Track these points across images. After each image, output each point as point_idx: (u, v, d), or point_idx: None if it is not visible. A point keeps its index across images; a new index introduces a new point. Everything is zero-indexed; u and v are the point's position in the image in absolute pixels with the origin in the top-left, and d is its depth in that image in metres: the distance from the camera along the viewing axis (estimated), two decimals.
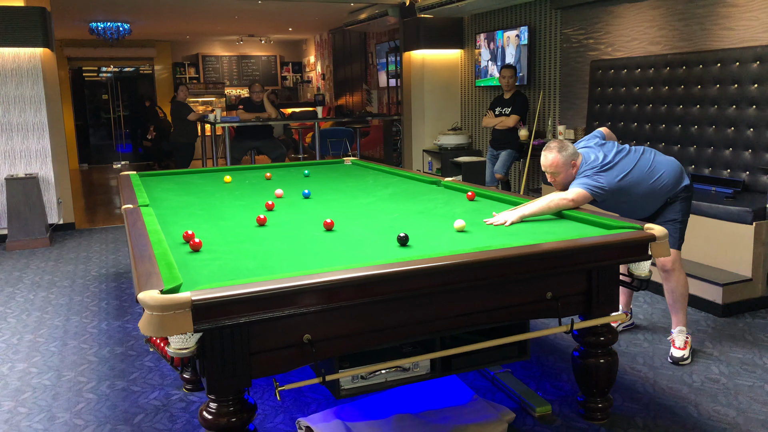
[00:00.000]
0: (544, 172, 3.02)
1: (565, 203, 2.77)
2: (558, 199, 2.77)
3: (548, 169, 2.97)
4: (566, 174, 2.94)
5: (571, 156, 2.94)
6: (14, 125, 6.04)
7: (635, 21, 5.15)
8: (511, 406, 2.64)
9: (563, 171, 2.93)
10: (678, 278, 3.08)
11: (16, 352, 3.42)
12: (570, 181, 2.93)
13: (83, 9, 8.79)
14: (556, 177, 2.97)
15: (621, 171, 2.91)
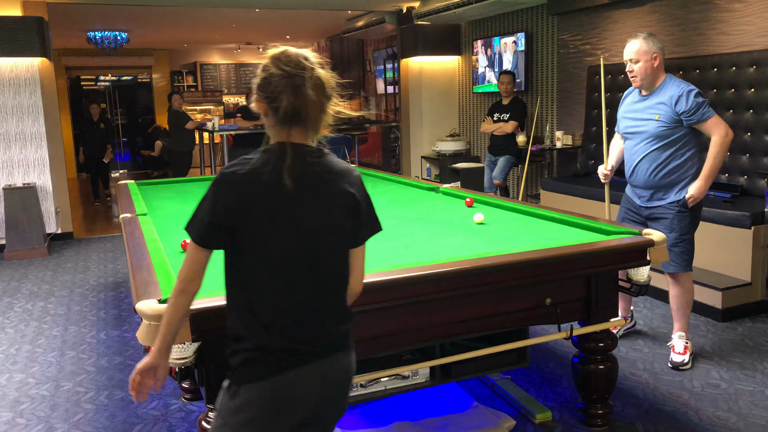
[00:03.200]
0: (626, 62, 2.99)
1: (729, 138, 2.85)
2: (723, 146, 2.84)
3: (631, 55, 2.96)
4: (645, 65, 2.93)
5: (655, 49, 2.93)
6: (12, 135, 6.04)
7: (632, 26, 5.17)
8: (511, 413, 2.63)
9: (643, 60, 2.93)
10: (685, 284, 3.08)
11: (14, 362, 3.41)
12: (647, 75, 2.94)
13: (81, 19, 8.81)
14: (635, 67, 2.95)
15: None
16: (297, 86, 1.31)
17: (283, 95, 1.31)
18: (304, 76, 1.31)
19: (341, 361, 1.44)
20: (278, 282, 1.35)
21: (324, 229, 1.38)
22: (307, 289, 1.37)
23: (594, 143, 5.42)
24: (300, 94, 1.31)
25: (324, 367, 1.40)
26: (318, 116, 1.35)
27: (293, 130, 1.35)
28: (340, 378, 1.45)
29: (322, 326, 1.41)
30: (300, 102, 1.31)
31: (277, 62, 1.34)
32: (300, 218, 1.35)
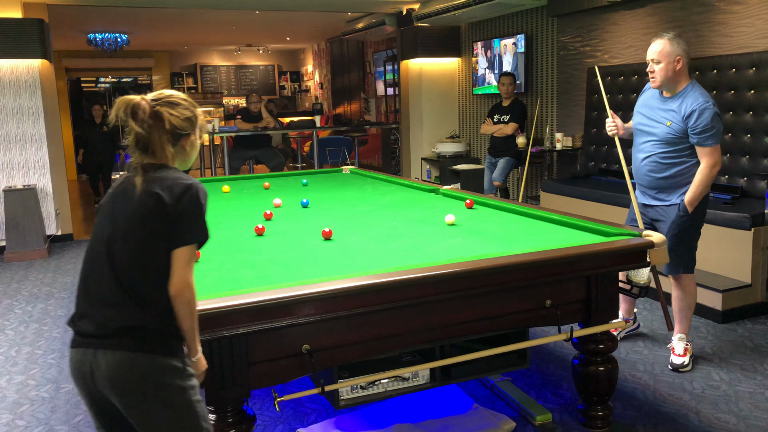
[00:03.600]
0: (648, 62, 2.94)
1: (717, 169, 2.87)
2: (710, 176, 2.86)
3: (653, 55, 2.91)
4: (667, 67, 2.88)
5: (679, 51, 2.87)
6: (12, 137, 6.04)
7: (631, 28, 5.18)
8: (511, 414, 2.63)
9: (665, 62, 2.87)
10: (687, 287, 3.08)
11: (14, 364, 3.41)
12: (668, 78, 2.89)
13: (81, 20, 8.83)
14: (656, 67, 2.90)
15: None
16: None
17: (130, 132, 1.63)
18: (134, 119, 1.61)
19: (107, 358, 1.50)
20: (82, 272, 1.61)
21: (120, 231, 1.56)
22: (94, 282, 1.57)
23: (594, 145, 5.42)
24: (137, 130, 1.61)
25: (90, 357, 1.52)
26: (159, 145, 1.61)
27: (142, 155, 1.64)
28: (107, 374, 1.50)
29: (97, 317, 1.53)
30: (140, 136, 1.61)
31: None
32: (107, 220, 1.60)
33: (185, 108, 1.65)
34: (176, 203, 1.55)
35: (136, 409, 1.53)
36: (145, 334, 1.52)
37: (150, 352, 1.52)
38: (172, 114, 1.62)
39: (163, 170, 1.60)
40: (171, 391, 1.53)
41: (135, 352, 1.50)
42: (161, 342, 1.53)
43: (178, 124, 1.62)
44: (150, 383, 1.51)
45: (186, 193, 1.57)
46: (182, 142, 1.65)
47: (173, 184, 1.58)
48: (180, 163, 1.69)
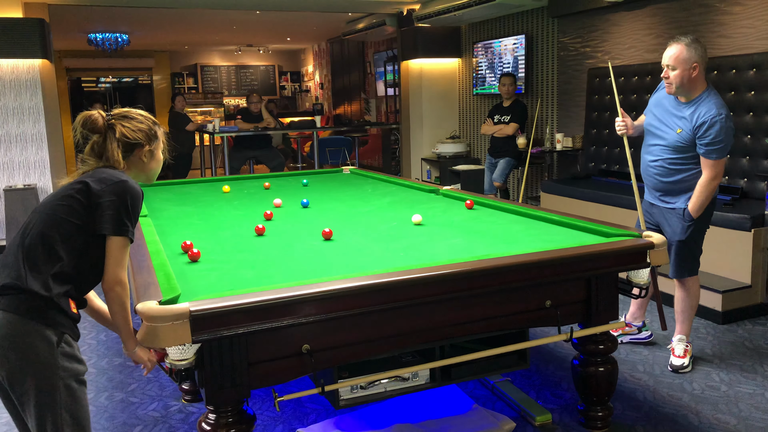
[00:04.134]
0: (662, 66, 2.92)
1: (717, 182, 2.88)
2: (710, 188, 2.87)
3: (668, 60, 2.87)
4: (683, 74, 2.84)
5: (696, 58, 2.82)
6: (13, 136, 6.05)
7: (632, 29, 5.18)
8: (511, 415, 2.63)
9: (681, 69, 2.83)
10: (690, 289, 3.09)
11: None
12: (684, 84, 2.85)
13: (82, 20, 8.83)
14: (672, 74, 2.87)
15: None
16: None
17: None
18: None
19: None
20: None
21: (42, 206, 1.78)
22: (7, 249, 1.74)
23: (594, 145, 5.42)
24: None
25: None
26: (110, 150, 1.85)
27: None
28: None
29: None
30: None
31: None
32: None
33: (140, 122, 1.89)
34: (102, 192, 1.72)
35: (8, 375, 1.59)
36: (25, 297, 1.60)
37: (23, 315, 1.59)
38: (124, 126, 1.86)
39: (104, 169, 1.81)
40: (34, 359, 1.58)
41: (8, 312, 1.59)
42: (39, 309, 1.61)
43: (129, 134, 1.84)
44: (13, 344, 1.57)
45: (116, 185, 1.74)
46: (136, 152, 1.87)
47: (106, 177, 1.76)
48: (136, 174, 1.91)
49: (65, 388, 1.60)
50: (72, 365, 1.64)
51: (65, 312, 1.65)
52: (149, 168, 1.94)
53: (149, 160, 1.92)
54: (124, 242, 1.72)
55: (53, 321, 1.62)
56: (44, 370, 1.58)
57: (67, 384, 1.60)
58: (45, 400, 1.58)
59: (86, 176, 1.77)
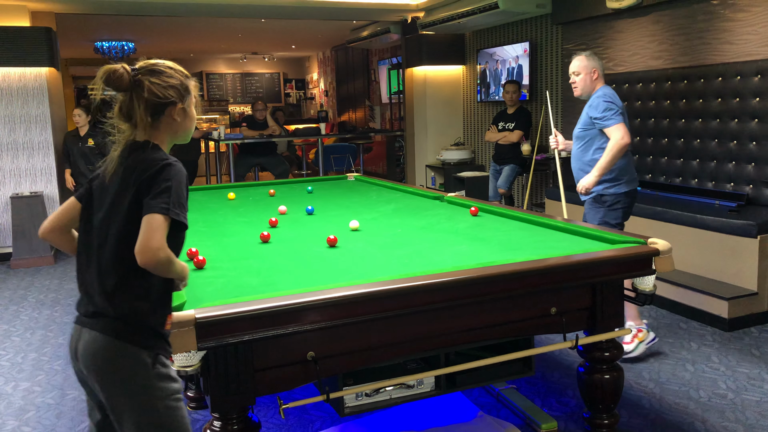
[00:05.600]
0: (569, 75, 3.50)
1: (623, 144, 3.22)
2: (615, 148, 3.22)
3: (574, 68, 3.47)
4: (585, 78, 3.43)
5: (596, 66, 3.43)
6: (20, 144, 6.09)
7: (636, 36, 5.19)
8: (516, 422, 2.62)
9: (584, 73, 3.42)
10: None
11: (20, 370, 3.42)
12: (588, 88, 3.43)
13: (88, 28, 8.90)
14: (577, 78, 3.45)
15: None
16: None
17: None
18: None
19: (85, 336, 1.56)
20: (77, 254, 1.66)
21: (105, 220, 1.58)
22: (84, 265, 1.62)
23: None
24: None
25: (77, 334, 1.59)
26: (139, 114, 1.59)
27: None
28: (83, 351, 1.56)
29: (85, 298, 1.60)
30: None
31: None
32: (97, 204, 1.63)
33: (169, 76, 1.62)
34: (150, 179, 1.52)
35: (102, 393, 1.56)
36: (117, 320, 1.54)
37: (119, 338, 1.53)
38: (152, 82, 1.59)
39: (142, 149, 1.59)
40: (131, 382, 1.53)
41: (106, 335, 1.53)
42: (132, 331, 1.54)
43: (159, 92, 1.59)
44: (110, 366, 1.53)
45: (163, 170, 1.54)
46: (169, 111, 1.62)
47: (147, 165, 1.55)
48: (171, 135, 1.66)
49: (163, 408, 1.55)
50: (167, 385, 1.58)
51: (157, 331, 1.57)
52: (184, 128, 1.68)
53: (183, 119, 1.66)
54: (162, 217, 1.48)
55: (147, 342, 1.55)
56: (142, 392, 1.54)
57: (164, 404, 1.56)
58: (143, 420, 1.55)
59: (128, 170, 1.56)
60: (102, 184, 1.62)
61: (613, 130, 3.25)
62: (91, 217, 1.62)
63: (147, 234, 1.46)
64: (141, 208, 1.50)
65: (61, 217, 1.68)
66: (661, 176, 4.84)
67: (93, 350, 1.54)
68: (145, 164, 1.55)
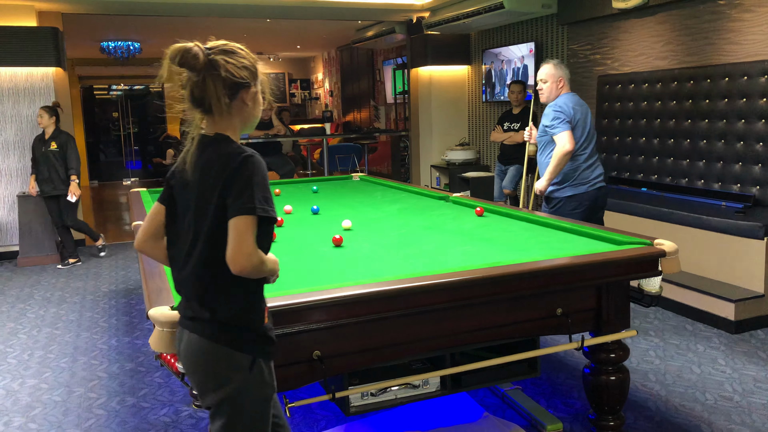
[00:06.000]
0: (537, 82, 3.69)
1: (565, 151, 3.42)
2: (559, 155, 3.44)
3: (542, 76, 3.64)
4: (552, 85, 3.61)
5: (562, 75, 3.62)
6: (27, 144, 6.11)
7: (642, 36, 5.17)
8: (521, 423, 2.62)
9: (551, 81, 3.60)
10: None
11: (27, 368, 3.43)
12: (553, 95, 3.60)
13: (95, 29, 8.93)
14: (544, 86, 3.63)
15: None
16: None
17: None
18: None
19: (185, 338, 1.56)
20: (170, 256, 1.63)
21: (193, 226, 1.52)
22: (180, 269, 1.58)
23: (605, 153, 5.41)
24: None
25: (179, 335, 1.60)
26: (214, 96, 1.49)
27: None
28: (183, 353, 1.58)
29: (184, 300, 1.59)
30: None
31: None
32: (181, 205, 1.58)
33: (243, 57, 1.52)
34: (231, 177, 1.45)
35: (198, 391, 1.58)
36: (215, 324, 1.51)
37: (217, 341, 1.50)
38: (228, 61, 1.49)
39: (216, 144, 1.51)
40: (227, 384, 1.51)
41: (204, 338, 1.51)
42: (229, 335, 1.51)
43: (234, 72, 1.49)
44: (207, 368, 1.52)
45: (243, 163, 1.46)
46: (242, 94, 1.52)
47: (225, 155, 1.48)
48: (242, 122, 1.57)
49: (252, 412, 1.55)
50: (261, 390, 1.56)
51: (257, 331, 1.54)
52: (254, 115, 1.58)
53: (253, 105, 1.56)
54: (250, 218, 1.42)
55: (245, 346, 1.52)
56: (235, 395, 1.53)
57: (253, 409, 1.56)
58: (229, 422, 1.54)
59: (206, 168, 1.50)
60: (182, 183, 1.55)
61: (558, 138, 3.47)
62: (177, 218, 1.58)
63: (237, 240, 1.42)
64: (226, 208, 1.44)
65: (151, 224, 1.61)
66: (667, 177, 4.83)
67: (192, 352, 1.54)
68: (224, 160, 1.47)
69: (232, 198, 1.44)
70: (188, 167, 1.52)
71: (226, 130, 1.54)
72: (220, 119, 1.53)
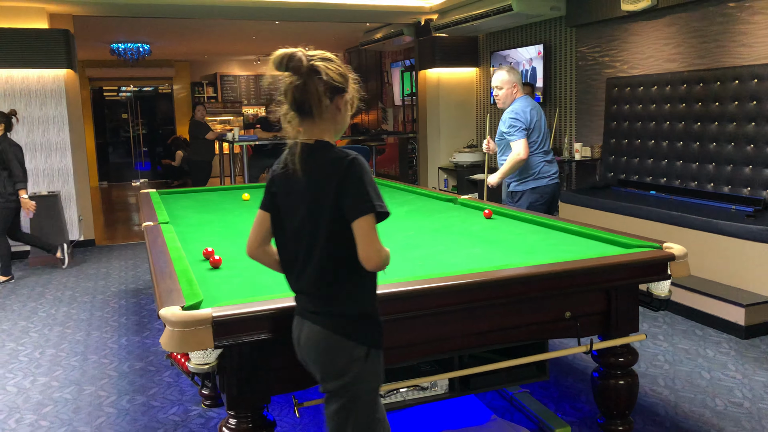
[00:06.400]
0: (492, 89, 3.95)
1: (519, 158, 3.79)
2: (513, 160, 3.80)
3: (497, 83, 3.88)
4: (507, 92, 3.87)
5: (516, 80, 3.88)
6: (38, 144, 6.17)
7: (651, 38, 5.16)
8: (529, 426, 2.61)
9: (506, 88, 3.86)
10: None
11: (38, 366, 3.47)
12: (508, 100, 3.87)
13: (105, 31, 9.00)
14: (500, 92, 3.89)
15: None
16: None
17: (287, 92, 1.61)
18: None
19: (306, 329, 1.66)
20: (283, 254, 1.73)
21: (308, 222, 1.62)
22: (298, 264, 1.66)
23: (613, 155, 5.39)
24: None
25: (299, 325, 1.68)
26: (316, 97, 1.59)
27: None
28: (305, 343, 1.67)
29: (303, 297, 1.68)
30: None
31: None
32: (291, 209, 1.67)
33: (338, 65, 1.63)
34: (343, 180, 1.54)
35: (320, 378, 1.67)
36: (337, 317, 1.62)
37: (337, 333, 1.61)
38: (328, 67, 1.59)
39: (320, 150, 1.60)
40: (345, 373, 1.61)
41: (326, 329, 1.62)
42: (351, 328, 1.62)
43: (333, 77, 1.59)
44: (328, 357, 1.62)
45: (351, 166, 1.56)
46: (337, 99, 1.62)
47: (332, 160, 1.58)
48: (335, 129, 1.66)
49: (366, 401, 1.65)
50: (374, 380, 1.66)
51: (373, 323, 1.65)
52: (344, 122, 1.68)
53: (344, 112, 1.67)
54: (370, 217, 1.54)
55: (362, 338, 1.62)
56: (351, 383, 1.62)
57: (367, 398, 1.65)
58: (345, 407, 1.63)
59: (314, 174, 1.58)
60: (285, 189, 1.65)
61: (514, 145, 3.80)
62: (283, 222, 1.67)
63: (366, 240, 1.54)
64: (342, 210, 1.55)
65: (260, 231, 1.72)
66: (676, 180, 4.81)
67: (313, 342, 1.64)
68: (333, 165, 1.57)
69: (350, 200, 1.55)
70: (298, 173, 1.60)
71: (324, 135, 1.63)
72: (319, 122, 1.61)
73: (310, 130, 1.62)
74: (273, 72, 1.58)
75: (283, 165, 1.66)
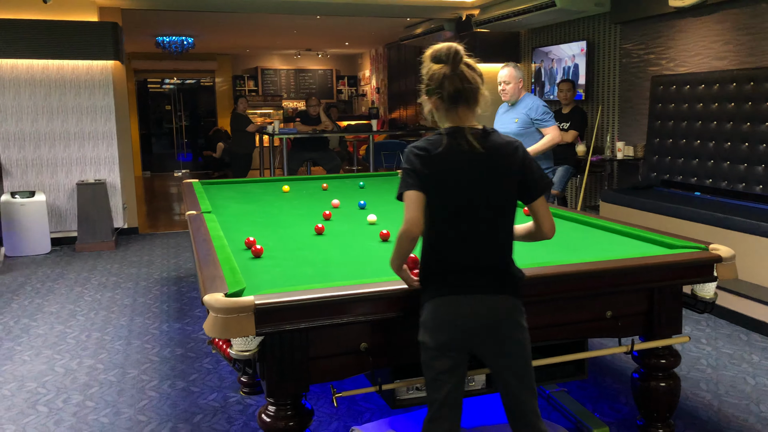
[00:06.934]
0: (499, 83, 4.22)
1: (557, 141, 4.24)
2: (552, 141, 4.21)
3: (504, 78, 4.19)
4: (514, 86, 4.20)
5: (521, 76, 4.23)
6: (86, 134, 6.37)
7: (699, 35, 5.01)
8: (566, 425, 2.59)
9: (513, 82, 4.19)
10: None
11: (84, 348, 3.59)
12: (515, 94, 4.20)
13: (151, 24, 9.22)
14: (507, 87, 4.19)
15: None
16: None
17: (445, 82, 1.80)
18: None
19: (487, 302, 1.74)
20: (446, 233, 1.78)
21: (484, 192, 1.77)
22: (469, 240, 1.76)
23: (657, 155, 5.26)
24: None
25: (470, 302, 1.74)
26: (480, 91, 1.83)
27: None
28: (494, 313, 1.74)
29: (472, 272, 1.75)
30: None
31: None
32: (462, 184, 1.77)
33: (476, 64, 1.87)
34: (522, 161, 1.77)
35: (506, 343, 1.75)
36: (507, 278, 1.78)
37: (516, 296, 1.78)
38: (475, 64, 1.86)
39: (492, 134, 1.79)
40: (520, 327, 1.77)
41: (510, 296, 1.76)
42: (519, 289, 1.79)
43: (479, 72, 1.85)
44: (519, 319, 1.77)
45: (524, 149, 1.80)
46: (482, 91, 1.84)
47: (506, 143, 1.78)
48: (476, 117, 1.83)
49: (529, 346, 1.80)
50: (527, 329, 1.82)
51: (524, 278, 1.83)
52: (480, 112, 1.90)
53: (484, 102, 1.89)
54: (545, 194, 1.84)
55: (521, 295, 1.80)
56: (527, 333, 1.79)
57: (529, 342, 1.80)
58: (525, 356, 1.78)
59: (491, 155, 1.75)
60: (448, 170, 1.74)
61: (551, 129, 4.20)
62: (444, 199, 1.76)
63: (548, 215, 1.84)
64: (527, 186, 1.77)
65: (421, 211, 1.78)
66: (722, 181, 4.67)
67: (506, 309, 1.76)
68: (510, 147, 1.77)
69: (534, 179, 1.78)
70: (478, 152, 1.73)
71: (476, 122, 1.80)
72: (475, 110, 1.80)
73: (466, 118, 1.78)
74: (431, 65, 1.79)
75: (444, 147, 1.74)
